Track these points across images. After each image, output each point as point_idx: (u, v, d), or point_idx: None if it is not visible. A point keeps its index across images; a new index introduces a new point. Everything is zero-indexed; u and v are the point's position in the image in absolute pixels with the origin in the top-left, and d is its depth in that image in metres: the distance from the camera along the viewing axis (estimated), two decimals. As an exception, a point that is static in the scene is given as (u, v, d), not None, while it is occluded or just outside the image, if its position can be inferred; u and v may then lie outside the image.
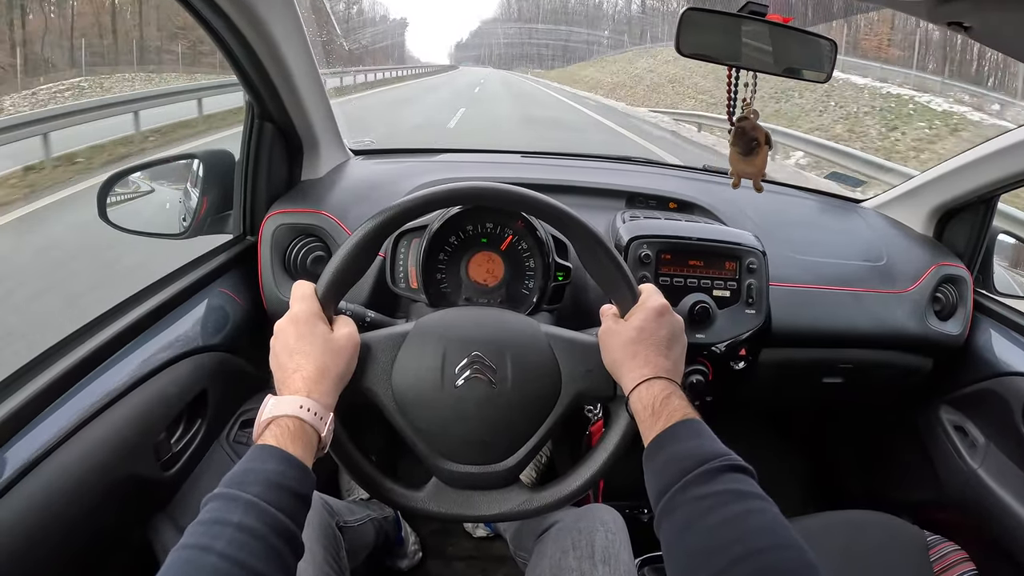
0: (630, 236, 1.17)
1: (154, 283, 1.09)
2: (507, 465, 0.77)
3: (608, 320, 0.78)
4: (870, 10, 12.75)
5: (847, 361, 1.36)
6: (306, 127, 1.28)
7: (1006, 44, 0.78)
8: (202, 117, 9.20)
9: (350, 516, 1.13)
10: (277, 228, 1.20)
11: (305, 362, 0.69)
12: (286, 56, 1.10)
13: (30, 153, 5.84)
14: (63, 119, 6.47)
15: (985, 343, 1.41)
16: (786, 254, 1.32)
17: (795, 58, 0.94)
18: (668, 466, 0.64)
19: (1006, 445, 1.31)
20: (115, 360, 0.92)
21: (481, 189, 0.79)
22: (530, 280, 1.15)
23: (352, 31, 30.48)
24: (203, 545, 0.53)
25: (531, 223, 1.12)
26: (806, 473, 1.91)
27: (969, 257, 1.48)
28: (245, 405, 1.18)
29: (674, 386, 0.72)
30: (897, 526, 1.12)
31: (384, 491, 0.78)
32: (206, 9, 0.96)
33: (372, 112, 13.88)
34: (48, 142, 5.92)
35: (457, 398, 0.75)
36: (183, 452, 1.00)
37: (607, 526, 0.98)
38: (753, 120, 0.94)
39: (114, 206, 1.13)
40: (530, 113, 16.47)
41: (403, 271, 1.14)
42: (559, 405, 0.78)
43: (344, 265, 0.75)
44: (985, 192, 1.39)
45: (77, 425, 0.81)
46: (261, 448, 0.62)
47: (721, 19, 0.91)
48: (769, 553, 0.56)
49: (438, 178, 1.30)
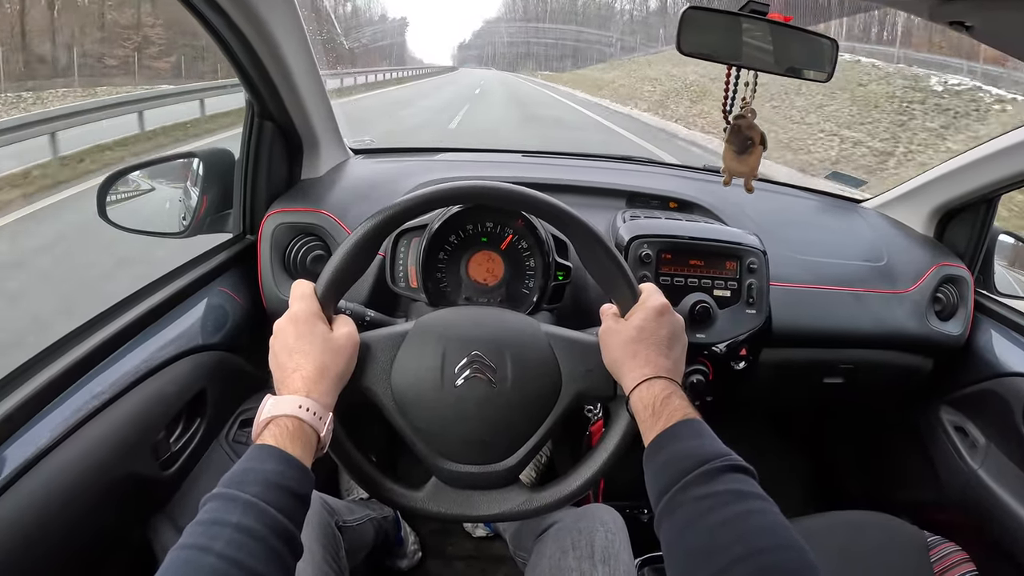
0: (630, 235, 1.17)
1: (154, 282, 1.09)
2: (507, 465, 0.77)
3: (608, 319, 0.78)
4: (871, 9, 12.67)
5: (847, 361, 1.36)
6: (306, 126, 1.28)
7: (1008, 43, 0.78)
8: (205, 117, 9.20)
9: (350, 516, 1.13)
10: (277, 227, 1.20)
11: (304, 361, 0.69)
12: (286, 55, 1.09)
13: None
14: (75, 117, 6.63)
15: (986, 343, 1.41)
16: (787, 254, 1.32)
17: (797, 57, 0.94)
18: (668, 466, 0.64)
19: (1006, 446, 1.31)
20: (114, 359, 0.92)
21: (481, 188, 0.79)
22: (530, 279, 1.15)
23: (350, 31, 30.14)
24: (202, 545, 0.53)
25: (531, 222, 1.11)
26: (806, 473, 1.91)
27: (970, 257, 1.48)
28: (244, 404, 1.18)
29: (675, 386, 0.72)
30: (897, 527, 1.12)
31: (383, 491, 0.78)
32: (206, 8, 0.96)
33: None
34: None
35: (457, 398, 0.75)
36: (182, 451, 1.00)
37: (607, 526, 0.98)
38: (750, 119, 0.94)
39: (114, 204, 1.13)
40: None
41: (403, 270, 1.13)
42: (559, 405, 0.77)
43: (344, 264, 0.75)
44: (986, 192, 1.39)
45: (76, 424, 0.81)
46: (260, 448, 0.62)
47: (722, 18, 0.90)
48: (769, 554, 0.55)
49: (438, 177, 1.30)
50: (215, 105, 9.88)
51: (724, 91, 0.94)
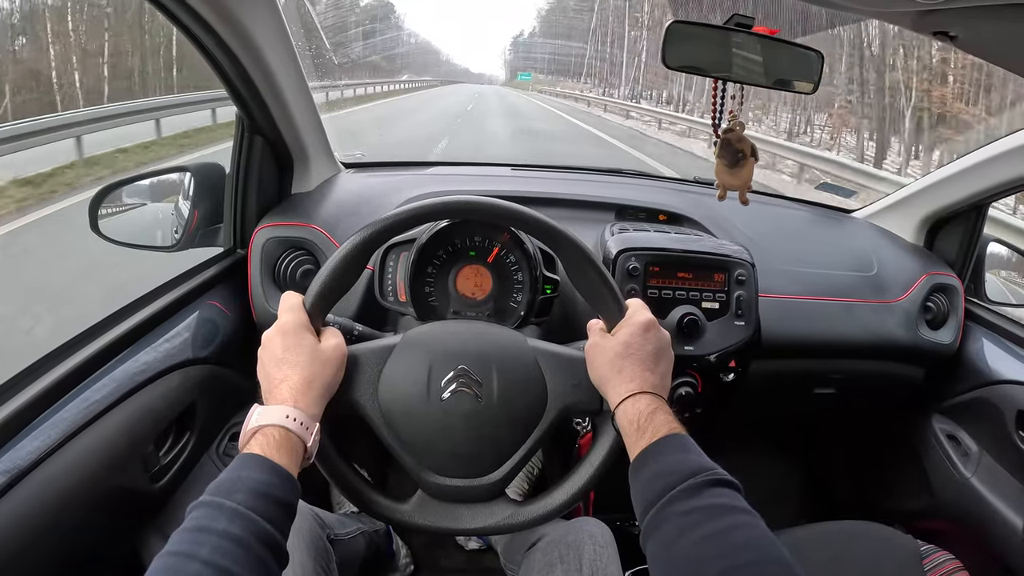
0: (618, 248, 1.17)
1: (144, 296, 1.09)
2: (493, 479, 0.77)
3: (595, 335, 0.78)
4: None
5: (838, 371, 1.36)
6: (296, 141, 1.28)
7: (991, 54, 0.79)
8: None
9: (341, 529, 1.13)
10: (267, 241, 1.20)
11: (292, 372, 0.69)
12: (275, 70, 1.10)
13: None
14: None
15: (977, 352, 1.41)
16: (776, 265, 1.32)
17: (784, 69, 0.95)
18: (653, 481, 0.64)
19: (999, 453, 1.31)
20: (104, 372, 0.92)
21: (469, 203, 0.79)
22: (518, 293, 1.15)
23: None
24: (187, 552, 0.54)
25: (518, 236, 1.12)
26: (799, 483, 1.91)
27: (960, 266, 1.48)
28: (234, 418, 1.18)
29: (660, 401, 0.72)
30: (890, 536, 1.12)
31: (369, 503, 0.78)
32: (194, 24, 0.96)
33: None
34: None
35: (443, 411, 0.75)
36: (172, 464, 1.00)
37: (595, 539, 0.97)
38: (739, 132, 0.94)
39: (106, 218, 1.13)
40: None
41: (391, 284, 1.14)
42: (545, 419, 0.78)
43: (332, 277, 0.75)
44: (975, 200, 1.39)
45: (65, 437, 0.81)
46: (247, 457, 0.63)
47: (708, 32, 0.91)
48: (754, 568, 0.56)
49: (428, 191, 1.31)
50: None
51: (712, 105, 0.94)
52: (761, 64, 0.92)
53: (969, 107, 15.58)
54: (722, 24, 0.90)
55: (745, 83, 0.93)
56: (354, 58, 32.75)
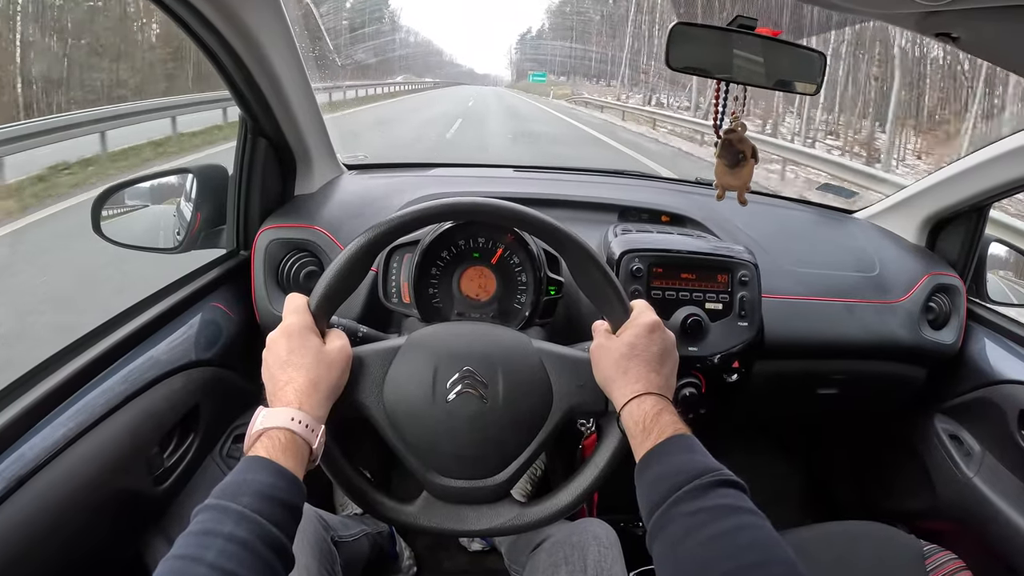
0: (622, 250, 1.17)
1: (147, 297, 1.09)
2: (498, 480, 0.77)
3: (600, 336, 0.78)
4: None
5: (841, 372, 1.36)
6: (299, 142, 1.29)
7: (993, 54, 0.80)
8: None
9: (345, 531, 1.12)
10: (270, 243, 1.20)
11: (297, 374, 0.69)
12: (279, 72, 1.10)
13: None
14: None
15: (979, 352, 1.41)
16: (779, 266, 1.32)
17: (786, 70, 0.95)
18: (659, 482, 0.64)
19: (1001, 453, 1.31)
20: (107, 375, 0.92)
21: (472, 205, 0.79)
22: (522, 294, 1.15)
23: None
24: (193, 555, 0.54)
25: (522, 237, 1.12)
26: (802, 484, 1.91)
27: (962, 266, 1.48)
28: (238, 420, 1.18)
29: (665, 402, 0.72)
30: (893, 536, 1.12)
31: (374, 505, 0.78)
32: (198, 26, 0.97)
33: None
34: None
35: (448, 413, 0.75)
36: (175, 467, 1.00)
37: (600, 541, 0.97)
38: (740, 133, 0.95)
39: (108, 220, 1.13)
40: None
41: (395, 286, 1.14)
42: (550, 420, 0.78)
43: (336, 279, 0.75)
44: (977, 201, 1.39)
45: (69, 440, 0.81)
46: (252, 460, 0.63)
47: (711, 33, 0.91)
48: (760, 569, 0.56)
49: (431, 193, 1.31)
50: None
51: (714, 106, 0.95)
52: (763, 65, 0.92)
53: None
54: (725, 26, 0.90)
55: (748, 84, 0.93)
56: (357, 60, 32.51)
